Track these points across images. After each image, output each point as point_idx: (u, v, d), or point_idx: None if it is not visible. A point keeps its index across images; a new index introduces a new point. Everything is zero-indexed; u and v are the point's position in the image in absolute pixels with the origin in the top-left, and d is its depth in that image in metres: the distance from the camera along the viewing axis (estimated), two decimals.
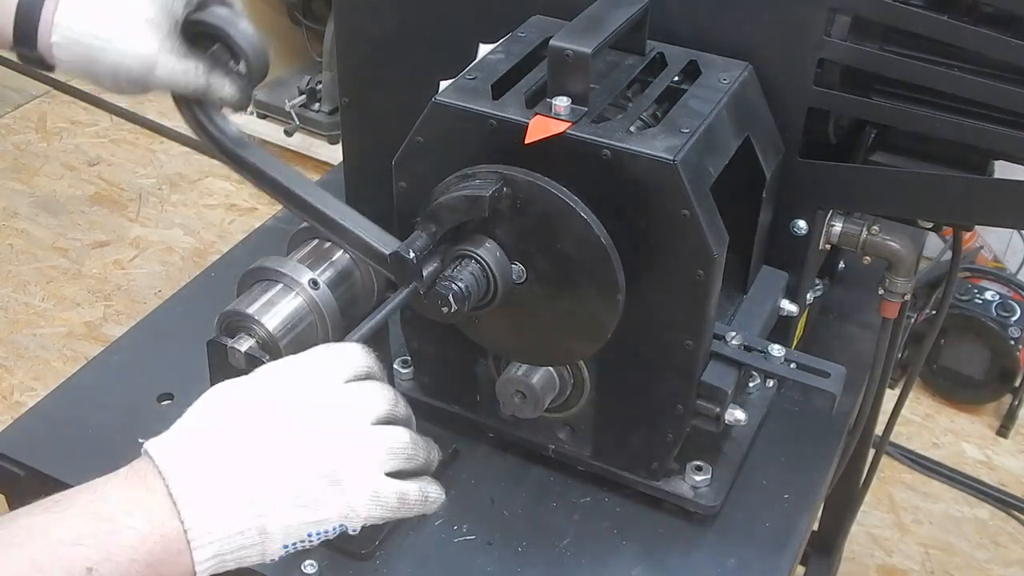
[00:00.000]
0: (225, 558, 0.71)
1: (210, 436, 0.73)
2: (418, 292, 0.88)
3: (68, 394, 1.16)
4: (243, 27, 0.90)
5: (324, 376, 0.77)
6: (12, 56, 0.94)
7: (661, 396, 0.96)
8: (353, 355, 0.79)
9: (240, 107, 0.94)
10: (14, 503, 1.12)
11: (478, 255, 0.90)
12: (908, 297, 1.12)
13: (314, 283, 0.97)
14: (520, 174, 0.88)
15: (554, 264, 0.90)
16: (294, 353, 0.96)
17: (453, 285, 0.87)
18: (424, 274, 0.87)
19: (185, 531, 0.70)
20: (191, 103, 0.94)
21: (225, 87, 0.91)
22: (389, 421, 0.78)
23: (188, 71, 0.90)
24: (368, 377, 0.79)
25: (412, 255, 0.87)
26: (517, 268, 0.92)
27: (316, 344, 0.98)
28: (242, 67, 0.92)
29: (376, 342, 1.06)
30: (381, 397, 0.78)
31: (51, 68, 0.93)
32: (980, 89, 0.94)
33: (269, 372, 0.77)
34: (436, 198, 0.90)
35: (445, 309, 0.87)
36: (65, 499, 0.71)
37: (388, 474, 0.76)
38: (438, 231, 0.89)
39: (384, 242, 0.91)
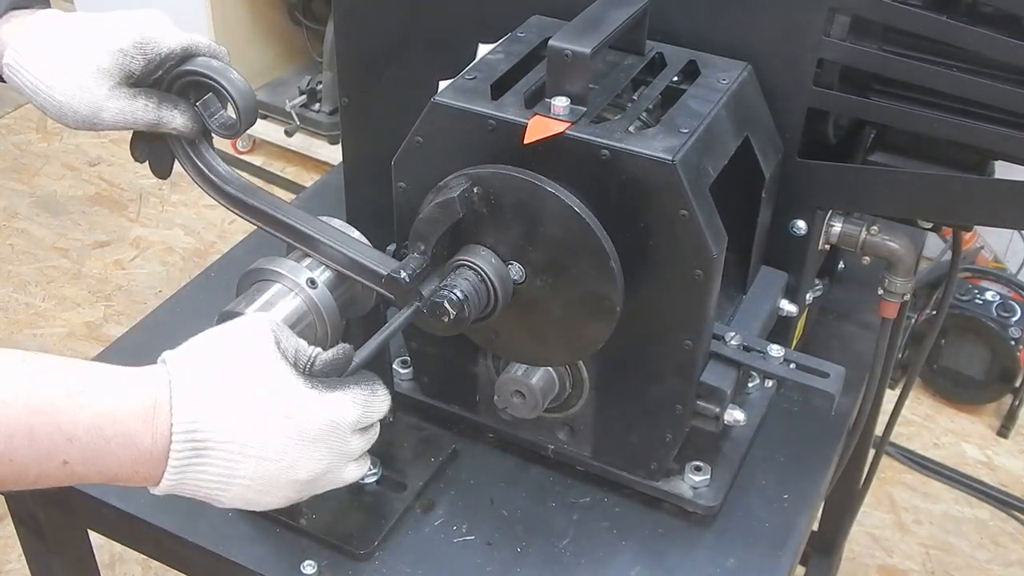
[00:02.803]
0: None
1: (227, 404, 0.76)
2: (421, 312, 0.89)
3: None
4: (233, 77, 0.94)
5: (344, 423, 0.81)
6: None
7: (660, 396, 0.96)
8: (381, 405, 0.84)
9: (231, 134, 0.98)
10: (15, 503, 1.12)
11: (472, 263, 0.90)
12: (908, 297, 1.12)
13: (312, 283, 0.97)
14: (489, 170, 0.89)
15: (553, 264, 0.90)
16: None
17: (449, 293, 0.88)
18: (424, 293, 0.89)
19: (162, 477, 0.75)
20: (181, 142, 0.98)
21: (176, 119, 0.95)
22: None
23: (137, 110, 0.93)
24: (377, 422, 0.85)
25: (403, 275, 0.88)
26: (517, 268, 0.92)
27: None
28: (231, 112, 0.97)
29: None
30: (371, 439, 0.85)
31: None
32: (980, 89, 0.94)
33: (303, 398, 0.79)
34: (416, 218, 0.91)
35: (445, 318, 0.88)
36: (83, 400, 0.74)
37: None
38: (427, 248, 0.90)
39: (384, 265, 0.93)
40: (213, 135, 1.00)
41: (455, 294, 0.88)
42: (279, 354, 0.79)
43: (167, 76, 0.95)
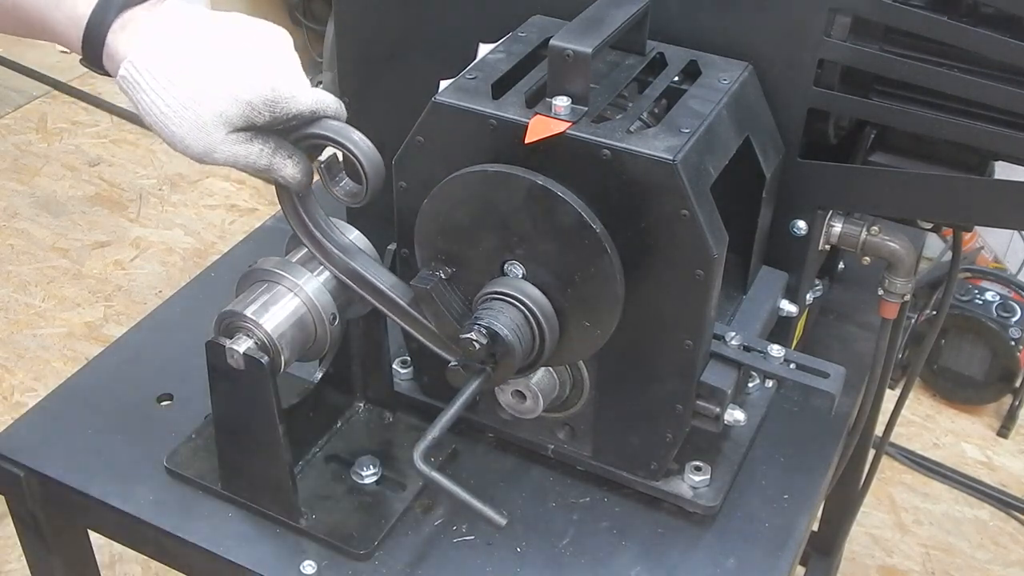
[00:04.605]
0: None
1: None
2: (489, 376, 0.90)
3: (68, 394, 1.16)
4: (356, 137, 0.90)
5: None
6: (15, 58, 0.94)
7: (661, 396, 0.96)
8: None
9: (355, 202, 0.94)
10: (14, 503, 1.12)
11: (489, 293, 0.91)
12: (908, 298, 1.12)
13: (311, 283, 0.97)
14: (482, 170, 0.88)
15: (553, 264, 0.90)
16: (292, 354, 0.97)
17: (472, 326, 0.89)
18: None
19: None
20: (289, 191, 0.95)
21: (287, 168, 0.91)
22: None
23: (251, 154, 0.88)
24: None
25: (453, 364, 0.91)
26: (517, 268, 0.92)
27: (313, 344, 0.99)
28: (353, 177, 0.93)
29: (374, 342, 1.07)
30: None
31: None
32: (980, 90, 0.94)
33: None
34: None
35: (475, 347, 0.88)
36: None
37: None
38: (460, 329, 0.90)
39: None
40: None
41: (480, 325, 0.88)
42: None
43: (290, 132, 0.91)
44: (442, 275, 0.93)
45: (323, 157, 0.94)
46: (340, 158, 0.94)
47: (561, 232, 0.88)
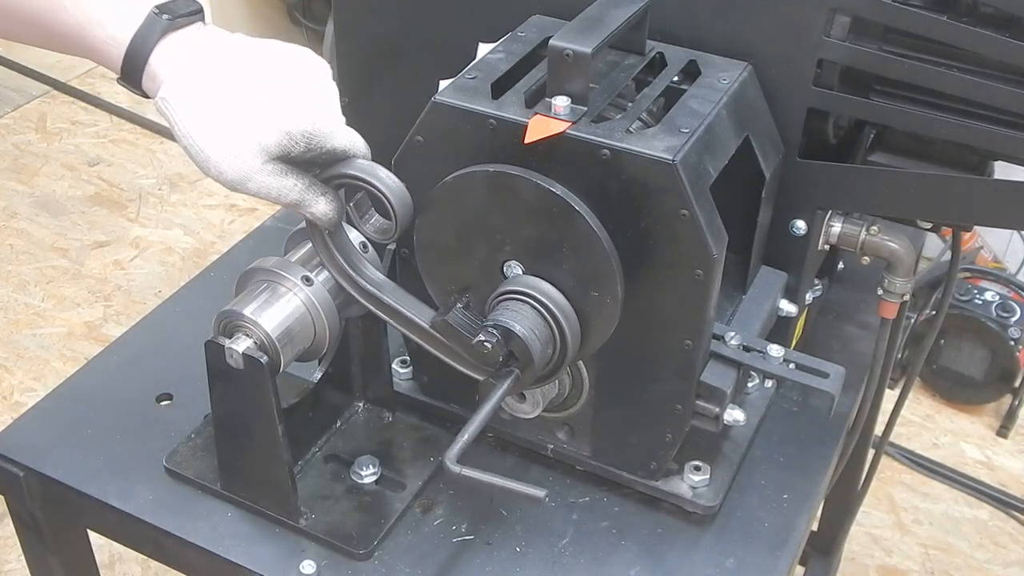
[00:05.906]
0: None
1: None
2: (519, 379, 0.90)
3: (68, 394, 1.16)
4: (383, 175, 0.89)
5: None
6: (15, 57, 0.93)
7: (660, 396, 0.96)
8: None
9: (386, 238, 0.94)
10: (14, 503, 1.12)
11: (501, 294, 0.91)
12: (907, 297, 1.12)
13: (310, 282, 0.97)
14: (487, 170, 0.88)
15: (553, 264, 0.90)
16: (291, 354, 0.97)
17: (483, 328, 0.89)
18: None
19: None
20: (319, 227, 0.94)
21: (319, 205, 0.89)
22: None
23: (284, 187, 0.87)
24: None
25: (482, 377, 0.92)
26: (516, 267, 0.92)
27: (312, 344, 0.99)
28: (382, 214, 0.93)
29: (373, 342, 1.07)
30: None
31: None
32: (980, 90, 0.94)
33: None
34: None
35: (487, 347, 0.88)
36: None
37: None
38: (483, 340, 0.89)
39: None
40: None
41: (488, 326, 0.89)
42: None
43: (319, 167, 0.90)
44: (460, 304, 0.93)
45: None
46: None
47: (561, 232, 0.88)
